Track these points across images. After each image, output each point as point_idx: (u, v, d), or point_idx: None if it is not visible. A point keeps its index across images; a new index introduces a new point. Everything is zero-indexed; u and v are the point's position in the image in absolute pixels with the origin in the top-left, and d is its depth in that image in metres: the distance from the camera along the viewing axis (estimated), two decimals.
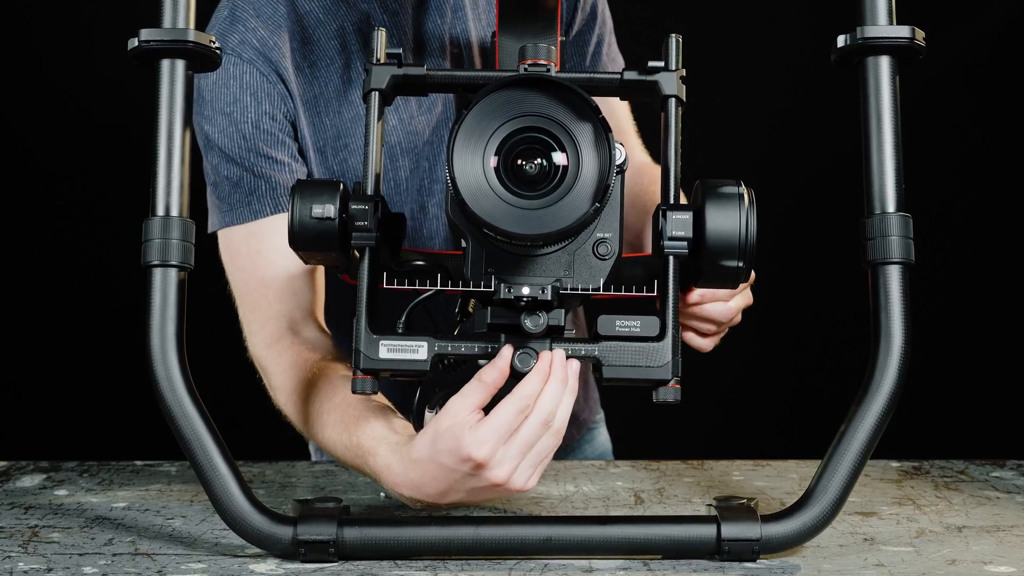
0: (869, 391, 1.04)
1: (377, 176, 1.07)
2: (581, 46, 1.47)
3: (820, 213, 2.53)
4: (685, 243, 1.02)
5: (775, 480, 1.32)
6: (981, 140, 2.62)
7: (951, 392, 2.60)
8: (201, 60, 1.07)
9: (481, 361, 1.04)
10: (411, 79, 1.09)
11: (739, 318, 1.31)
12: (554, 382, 1.01)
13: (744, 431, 2.60)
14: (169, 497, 1.25)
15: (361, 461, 1.13)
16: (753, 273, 1.29)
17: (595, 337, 1.02)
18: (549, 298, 0.99)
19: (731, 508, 1.04)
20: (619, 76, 1.08)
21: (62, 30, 2.51)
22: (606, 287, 1.03)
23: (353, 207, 1.03)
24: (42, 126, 2.55)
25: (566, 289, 1.01)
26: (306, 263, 1.09)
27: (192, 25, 1.06)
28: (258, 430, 2.64)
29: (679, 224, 1.02)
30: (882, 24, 1.06)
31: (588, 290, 1.01)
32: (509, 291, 0.99)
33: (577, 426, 1.64)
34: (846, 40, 1.07)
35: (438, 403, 1.09)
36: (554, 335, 1.02)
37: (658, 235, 1.03)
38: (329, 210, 1.02)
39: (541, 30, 1.15)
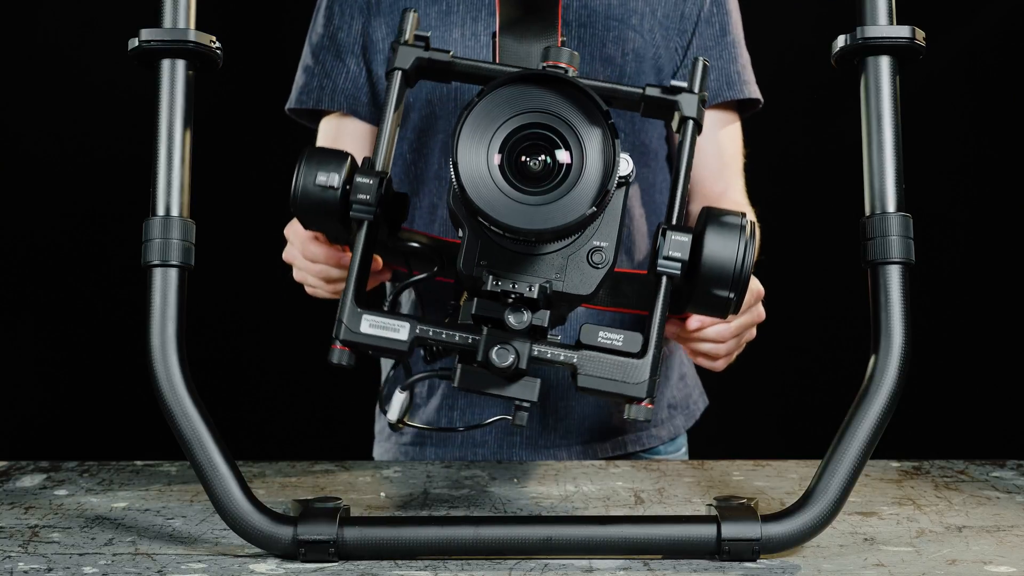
0: (869, 391, 1.04)
1: (388, 153, 1.07)
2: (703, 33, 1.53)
3: (820, 213, 2.53)
4: (679, 265, 1.01)
5: (775, 480, 1.32)
6: (981, 140, 2.62)
7: (951, 392, 2.60)
8: (202, 60, 1.07)
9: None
10: (436, 64, 1.09)
11: (753, 333, 1.33)
12: None
13: (744, 431, 2.60)
14: (169, 497, 1.25)
15: None
16: (762, 288, 1.29)
17: (577, 344, 1.02)
18: (535, 296, 0.98)
19: (731, 508, 1.04)
20: (641, 91, 1.07)
21: (62, 29, 2.51)
22: (598, 296, 1.02)
23: (358, 179, 1.03)
24: (42, 126, 2.55)
25: (554, 291, 1.00)
26: (305, 227, 1.10)
27: (193, 25, 1.06)
28: (258, 430, 2.65)
29: (677, 245, 1.01)
30: (882, 24, 1.06)
31: (577, 295, 1.00)
32: (497, 284, 0.98)
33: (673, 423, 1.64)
34: (846, 40, 1.07)
35: (411, 386, 1.09)
36: (536, 335, 1.01)
37: (655, 253, 1.02)
38: (333, 179, 1.03)
39: (542, 30, 1.15)
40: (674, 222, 1.03)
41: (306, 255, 1.29)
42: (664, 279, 1.02)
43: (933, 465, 1.39)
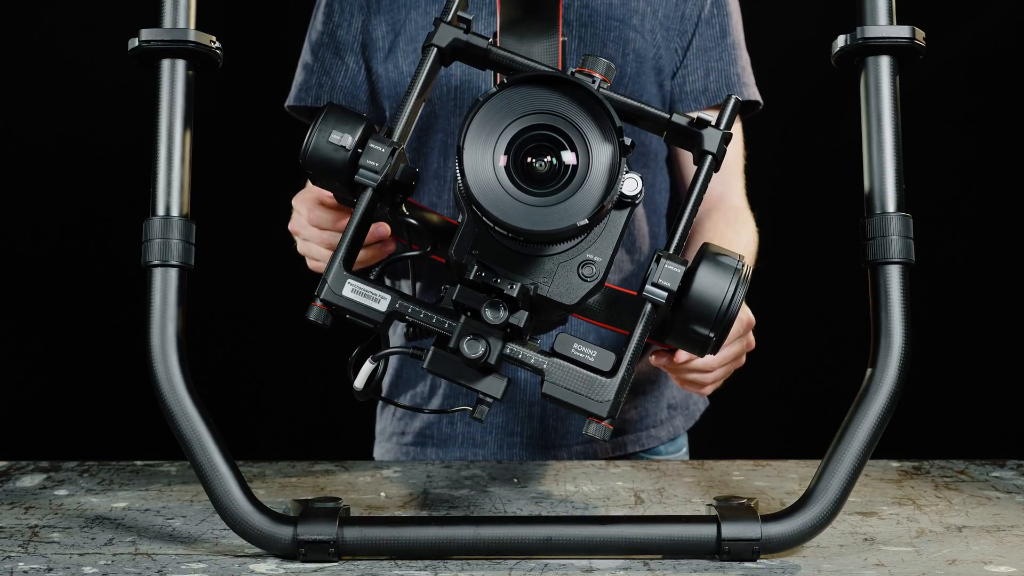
0: (869, 391, 1.04)
1: (407, 127, 1.06)
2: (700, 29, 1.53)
3: (820, 213, 2.53)
4: (665, 294, 0.99)
5: (775, 480, 1.32)
6: (981, 140, 2.62)
7: (951, 392, 2.60)
8: (202, 60, 1.07)
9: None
10: (472, 48, 1.07)
11: (743, 360, 1.33)
12: None
13: (744, 431, 2.60)
14: (169, 497, 1.25)
15: None
16: (753, 317, 1.30)
17: (550, 352, 1.01)
18: (515, 295, 0.97)
19: (731, 508, 1.04)
20: (668, 117, 1.05)
21: (63, 29, 2.51)
22: (584, 309, 1.01)
23: (371, 145, 1.02)
24: (42, 125, 2.55)
25: (537, 294, 0.99)
26: (312, 183, 1.09)
27: (193, 25, 1.06)
28: (258, 430, 2.65)
29: (668, 274, 0.99)
30: (882, 24, 1.06)
31: (560, 303, 1.00)
32: (480, 276, 0.98)
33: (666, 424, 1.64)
34: (846, 40, 1.07)
35: (383, 358, 1.08)
36: (514, 335, 1.00)
37: (646, 278, 1.01)
38: (346, 140, 1.03)
39: (542, 30, 1.15)
40: (672, 251, 1.02)
41: (311, 220, 1.28)
42: (648, 305, 1.00)
43: (933, 465, 1.39)
